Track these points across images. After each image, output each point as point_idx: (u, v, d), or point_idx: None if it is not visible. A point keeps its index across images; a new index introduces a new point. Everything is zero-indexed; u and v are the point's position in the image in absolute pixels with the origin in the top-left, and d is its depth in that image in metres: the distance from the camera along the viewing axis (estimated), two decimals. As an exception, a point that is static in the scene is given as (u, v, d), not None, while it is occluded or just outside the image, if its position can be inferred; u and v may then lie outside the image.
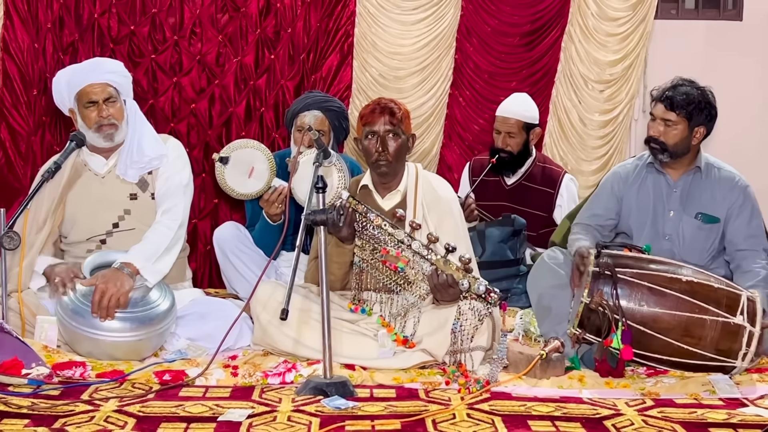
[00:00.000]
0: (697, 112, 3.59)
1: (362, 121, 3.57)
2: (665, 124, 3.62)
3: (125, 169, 3.65)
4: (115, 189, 3.67)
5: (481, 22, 5.33)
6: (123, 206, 3.66)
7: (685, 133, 3.62)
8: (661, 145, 3.63)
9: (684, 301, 3.20)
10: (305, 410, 2.73)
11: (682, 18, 5.72)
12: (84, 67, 3.69)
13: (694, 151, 3.69)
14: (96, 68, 3.65)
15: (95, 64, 3.72)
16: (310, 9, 5.17)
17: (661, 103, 3.63)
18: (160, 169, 3.70)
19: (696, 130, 3.62)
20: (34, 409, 2.69)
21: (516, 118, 4.73)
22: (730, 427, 2.63)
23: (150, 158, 3.67)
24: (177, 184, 3.69)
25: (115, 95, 3.63)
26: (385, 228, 3.25)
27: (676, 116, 3.60)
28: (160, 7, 5.09)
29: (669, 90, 3.63)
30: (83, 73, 3.62)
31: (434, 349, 3.25)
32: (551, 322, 3.53)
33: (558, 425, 2.63)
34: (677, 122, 3.60)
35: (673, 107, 3.60)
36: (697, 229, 3.67)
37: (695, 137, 3.64)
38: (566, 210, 4.64)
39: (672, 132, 3.62)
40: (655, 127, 3.65)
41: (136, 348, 3.30)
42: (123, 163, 3.65)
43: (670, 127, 3.62)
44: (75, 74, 3.64)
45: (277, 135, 5.17)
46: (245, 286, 4.08)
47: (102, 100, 3.59)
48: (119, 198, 3.67)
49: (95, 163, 3.69)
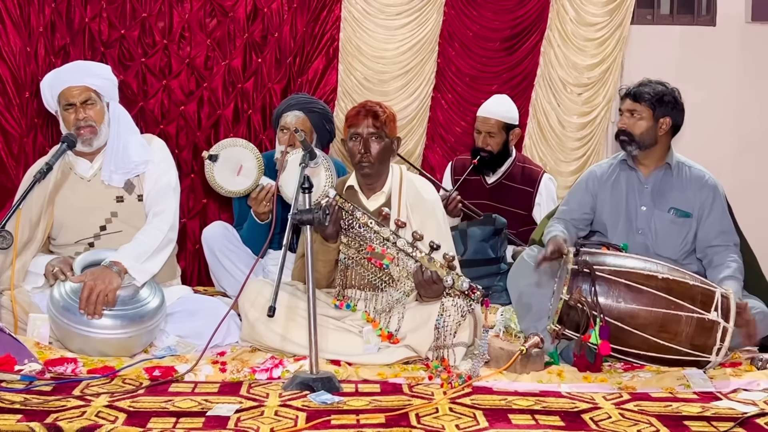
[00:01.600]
0: (660, 102, 3.72)
1: (347, 123, 3.59)
2: (631, 115, 3.75)
3: (109, 175, 3.64)
4: (101, 192, 3.66)
5: (463, 27, 5.36)
6: (110, 209, 3.65)
7: (651, 123, 3.73)
8: (629, 137, 3.75)
9: (660, 297, 3.23)
10: (292, 405, 2.75)
11: (658, 23, 5.78)
12: (66, 69, 3.68)
13: (662, 145, 3.78)
14: (77, 71, 3.64)
15: (77, 67, 3.71)
16: (297, 14, 5.18)
17: (627, 97, 3.78)
18: (147, 172, 3.69)
19: (661, 121, 3.73)
20: (26, 404, 2.69)
21: (496, 119, 4.78)
22: (704, 420, 2.67)
23: (136, 163, 3.65)
24: (166, 186, 3.68)
25: (94, 98, 3.61)
26: (371, 226, 3.27)
27: (641, 106, 3.73)
28: (150, 12, 5.10)
29: (635, 86, 3.77)
30: (65, 76, 3.62)
31: (418, 345, 3.28)
32: (531, 319, 3.57)
33: (538, 419, 2.65)
34: (641, 112, 3.73)
35: (637, 99, 3.74)
36: (670, 223, 3.74)
37: (661, 128, 3.74)
38: (545, 208, 4.69)
39: (638, 122, 3.74)
40: (622, 120, 3.78)
41: (127, 345, 3.30)
42: (107, 168, 3.63)
43: (635, 117, 3.74)
44: (57, 76, 3.63)
45: (264, 137, 5.19)
46: (233, 284, 4.09)
47: (80, 102, 3.57)
48: (106, 201, 3.65)
49: (81, 167, 3.68)
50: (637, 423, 2.63)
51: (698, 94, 5.07)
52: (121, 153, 3.65)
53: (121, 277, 3.36)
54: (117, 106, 3.74)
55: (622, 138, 3.78)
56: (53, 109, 3.70)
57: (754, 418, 2.68)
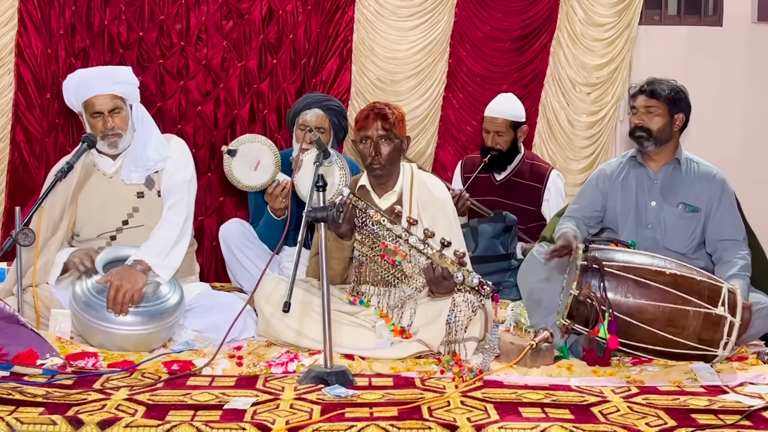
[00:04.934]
0: (675, 99, 3.74)
1: (357, 125, 3.61)
2: (648, 111, 3.74)
3: (129, 174, 3.69)
4: (123, 188, 3.71)
5: (474, 28, 5.37)
6: (131, 204, 3.71)
7: (667, 119, 3.74)
8: (646, 132, 3.74)
9: (668, 292, 3.24)
10: (307, 398, 2.77)
11: (665, 24, 5.77)
12: (91, 75, 3.69)
13: (674, 141, 3.80)
14: (103, 79, 3.65)
15: (102, 74, 3.71)
16: (311, 16, 5.21)
17: (642, 93, 3.77)
18: (165, 168, 3.73)
19: (676, 117, 3.75)
20: (48, 397, 2.72)
21: (503, 118, 4.80)
22: (711, 413, 2.67)
23: (155, 161, 3.70)
24: (181, 180, 3.72)
25: (120, 105, 3.65)
26: (384, 224, 3.31)
27: (657, 102, 3.73)
28: (168, 14, 5.14)
29: (648, 84, 3.78)
30: (90, 83, 3.63)
31: (430, 340, 3.29)
32: (541, 314, 3.59)
33: (547, 412, 2.66)
34: (658, 108, 3.73)
35: (654, 95, 3.74)
36: (679, 218, 3.75)
37: (675, 124, 3.77)
38: (553, 204, 4.72)
39: (655, 118, 3.74)
40: (638, 116, 3.77)
41: (147, 340, 3.33)
42: (126, 168, 3.70)
43: (653, 113, 3.74)
44: (82, 83, 3.65)
45: (280, 136, 5.21)
46: (250, 280, 4.09)
47: (107, 111, 3.62)
48: (127, 197, 3.71)
49: (104, 164, 3.74)
50: (645, 416, 2.64)
51: (705, 93, 5.06)
52: (140, 152, 3.70)
53: (146, 276, 3.39)
54: (139, 107, 3.78)
55: (639, 134, 3.76)
56: (77, 109, 3.74)
57: (760, 411, 2.68)
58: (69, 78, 3.74)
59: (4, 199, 5.19)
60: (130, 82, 3.72)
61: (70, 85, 3.70)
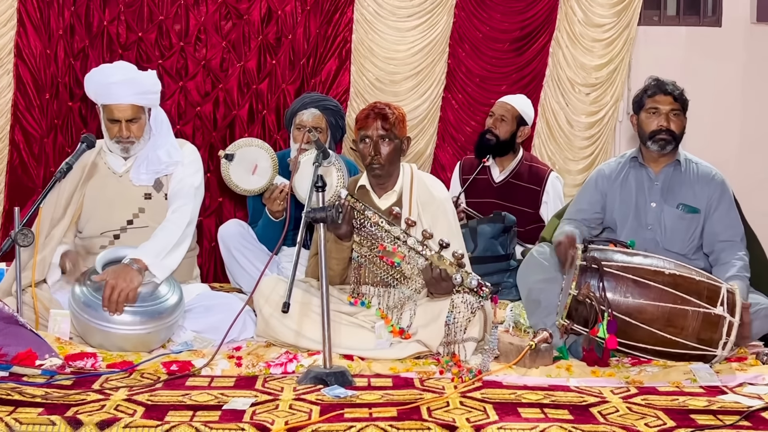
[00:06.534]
0: (686, 100, 3.76)
1: (357, 125, 3.62)
2: (673, 113, 3.73)
3: (138, 175, 3.70)
4: (131, 188, 3.71)
5: (473, 29, 5.38)
6: (138, 204, 3.71)
7: (685, 121, 3.77)
8: (672, 135, 3.73)
9: (667, 292, 3.24)
10: (306, 399, 2.76)
11: (664, 24, 5.79)
12: (115, 83, 3.59)
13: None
14: (126, 88, 3.59)
15: (127, 82, 3.60)
16: (310, 16, 5.23)
17: (668, 95, 3.74)
18: (174, 172, 3.73)
19: (683, 118, 3.77)
20: (47, 398, 2.71)
21: (514, 106, 4.83)
22: (710, 413, 2.67)
23: (166, 164, 3.70)
24: (189, 185, 3.72)
25: (140, 114, 3.64)
26: (382, 225, 3.30)
27: (678, 105, 3.74)
28: (167, 15, 5.16)
29: (666, 84, 3.75)
30: (112, 91, 3.59)
31: (429, 340, 3.29)
32: (540, 314, 3.59)
33: (547, 412, 2.66)
34: (680, 110, 3.74)
35: (677, 98, 3.74)
36: (679, 219, 3.74)
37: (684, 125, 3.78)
38: (552, 206, 4.72)
39: (678, 121, 3.75)
40: (664, 117, 3.73)
41: (146, 340, 3.33)
42: (136, 168, 3.70)
43: (678, 116, 3.74)
44: (106, 87, 3.60)
45: (279, 136, 5.23)
46: (249, 280, 4.10)
47: (125, 119, 3.61)
48: (134, 197, 3.71)
49: (114, 162, 3.74)
50: (645, 416, 2.63)
51: (704, 93, 5.09)
52: (152, 154, 3.70)
53: (141, 275, 3.38)
54: (158, 111, 3.78)
55: (664, 137, 3.73)
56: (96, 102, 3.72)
57: (759, 411, 2.68)
58: (93, 72, 3.70)
59: (3, 199, 5.20)
60: (153, 90, 3.70)
61: (92, 83, 3.67)
